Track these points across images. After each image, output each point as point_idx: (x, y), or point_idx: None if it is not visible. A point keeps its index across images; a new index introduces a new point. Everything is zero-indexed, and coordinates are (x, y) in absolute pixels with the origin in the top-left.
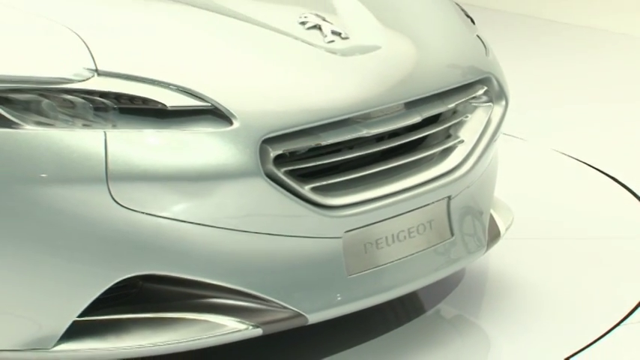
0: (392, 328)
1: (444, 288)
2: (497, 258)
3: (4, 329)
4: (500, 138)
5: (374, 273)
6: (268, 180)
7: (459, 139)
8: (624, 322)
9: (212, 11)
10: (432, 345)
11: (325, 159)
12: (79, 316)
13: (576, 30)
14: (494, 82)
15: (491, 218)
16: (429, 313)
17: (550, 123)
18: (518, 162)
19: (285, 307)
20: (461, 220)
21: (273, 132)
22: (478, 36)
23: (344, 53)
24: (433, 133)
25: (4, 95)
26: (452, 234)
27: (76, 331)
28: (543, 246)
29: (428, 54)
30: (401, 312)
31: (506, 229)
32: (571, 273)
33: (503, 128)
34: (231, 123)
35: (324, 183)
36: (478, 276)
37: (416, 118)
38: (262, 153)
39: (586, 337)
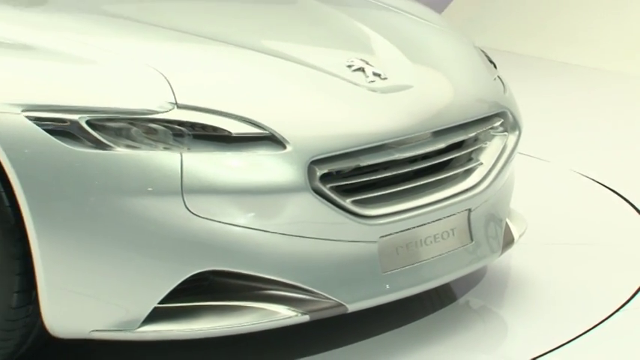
0: (428, 314)
1: (473, 282)
2: (516, 259)
3: (98, 313)
4: (526, 159)
5: (404, 271)
6: (315, 194)
7: (478, 162)
8: (622, 309)
9: (272, 55)
10: (459, 329)
11: (364, 177)
12: (159, 303)
13: (586, 70)
14: (510, 116)
15: (507, 227)
16: (459, 302)
17: (570, 147)
18: (540, 180)
19: (328, 298)
20: (479, 228)
21: (319, 155)
22: (499, 76)
23: (383, 91)
24: (457, 157)
25: (101, 123)
26: (471, 239)
27: (156, 316)
28: (556, 250)
29: (453, 91)
30: (436, 300)
31: (520, 236)
32: (578, 272)
33: (516, 153)
34: (284, 147)
35: (363, 197)
36: (501, 274)
37: (440, 145)
38: (310, 172)
39: (590, 322)
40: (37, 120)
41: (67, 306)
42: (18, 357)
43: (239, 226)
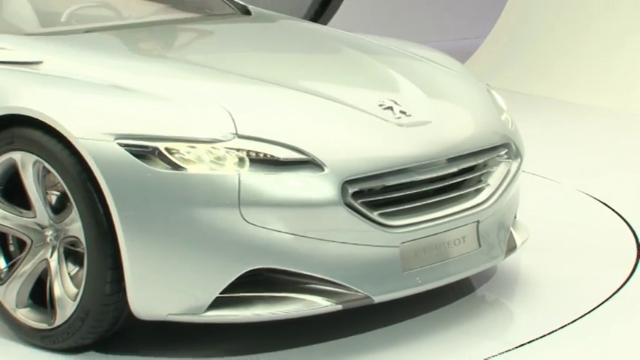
0: (447, 304)
1: (485, 279)
2: (523, 261)
3: (173, 300)
4: (539, 180)
5: (421, 271)
6: (347, 208)
7: (486, 183)
8: (610, 300)
9: (317, 95)
10: (472, 317)
11: (389, 194)
12: (220, 293)
13: (587, 108)
14: (513, 146)
15: (511, 235)
16: (473, 295)
17: (579, 171)
18: (549, 197)
19: (358, 292)
20: (486, 237)
21: (351, 176)
22: (506, 113)
23: (407, 126)
24: (468, 179)
25: (176, 149)
26: (479, 245)
27: (218, 303)
28: (555, 254)
29: (465, 125)
30: (458, 292)
31: (522, 243)
32: (573, 272)
33: (519, 176)
34: (323, 170)
35: (388, 210)
36: (510, 273)
37: (454, 169)
38: (344, 190)
39: (583, 310)
40: (126, 146)
41: (149, 294)
42: (111, 334)
43: (285, 232)
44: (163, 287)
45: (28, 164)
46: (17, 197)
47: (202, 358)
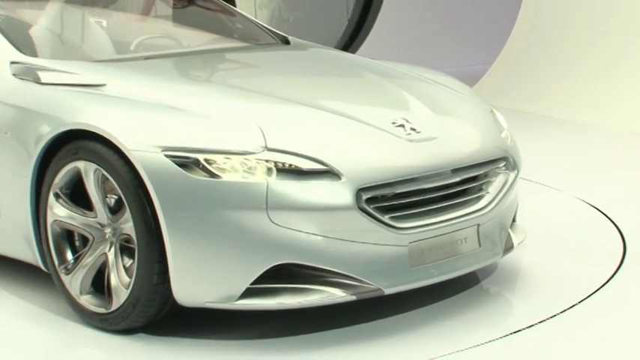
0: (451, 295)
1: (487, 274)
2: (523, 259)
3: (209, 289)
4: (543, 188)
5: (427, 267)
6: (361, 212)
7: (486, 191)
8: (599, 291)
9: (337, 114)
10: (474, 307)
11: (399, 200)
12: (251, 284)
13: (580, 125)
14: (511, 159)
15: (508, 236)
16: (475, 287)
17: (579, 181)
18: (549, 203)
19: (370, 284)
20: (486, 238)
21: (365, 184)
22: (506, 130)
23: (417, 141)
24: (471, 187)
25: (213, 159)
26: (480, 245)
27: (249, 293)
28: (552, 253)
29: (468, 141)
30: (464, 284)
31: (519, 243)
32: (567, 269)
33: (517, 185)
34: (340, 178)
35: (398, 214)
36: (512, 269)
37: (457, 179)
38: (358, 196)
39: (574, 300)
40: (171, 157)
41: (189, 284)
42: (158, 319)
43: (307, 232)
44: (202, 279)
45: (90, 172)
46: (81, 200)
47: (234, 341)
